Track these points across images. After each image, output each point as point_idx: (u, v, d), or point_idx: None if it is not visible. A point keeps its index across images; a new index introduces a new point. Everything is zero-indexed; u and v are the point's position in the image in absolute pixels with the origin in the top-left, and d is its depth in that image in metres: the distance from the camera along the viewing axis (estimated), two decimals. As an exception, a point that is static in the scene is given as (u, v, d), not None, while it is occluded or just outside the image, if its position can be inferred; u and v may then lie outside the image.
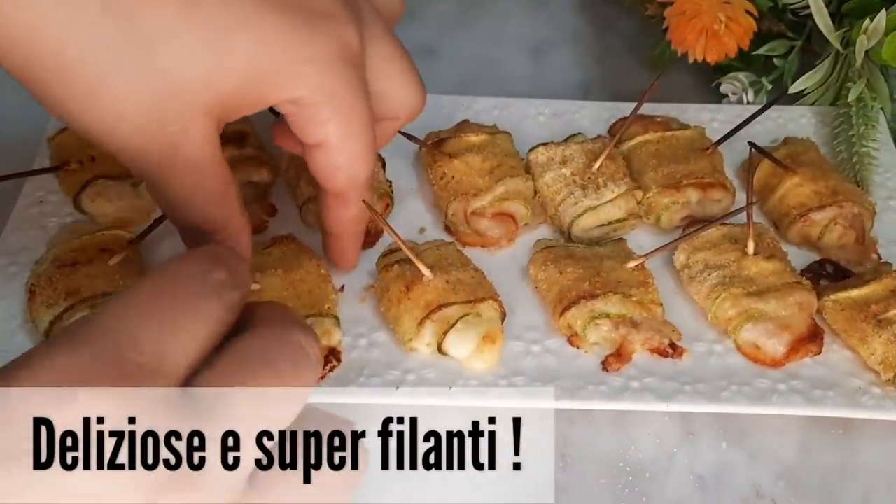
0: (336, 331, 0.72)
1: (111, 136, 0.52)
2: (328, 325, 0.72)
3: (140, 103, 0.50)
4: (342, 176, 0.64)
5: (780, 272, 0.76)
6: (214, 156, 0.56)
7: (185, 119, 0.53)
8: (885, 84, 0.93)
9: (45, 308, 0.70)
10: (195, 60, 0.51)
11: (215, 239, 0.60)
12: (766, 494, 0.69)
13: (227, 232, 0.60)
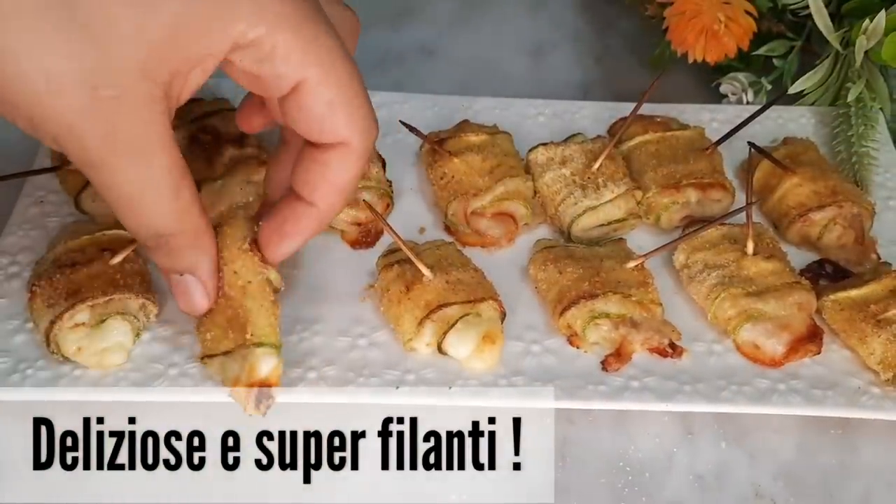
0: (265, 359, 0.62)
1: (45, 117, 0.48)
2: (253, 355, 0.62)
3: (69, 67, 0.46)
4: (340, 115, 0.55)
5: (780, 272, 0.76)
6: (162, 137, 0.51)
7: (119, 80, 0.47)
8: (884, 84, 0.93)
9: (46, 308, 0.70)
10: (119, 13, 0.46)
11: (175, 246, 0.58)
12: (766, 494, 0.69)
13: (184, 238, 0.57)
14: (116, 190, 0.52)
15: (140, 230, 0.56)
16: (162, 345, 0.73)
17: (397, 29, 1.15)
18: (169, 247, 0.57)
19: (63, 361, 0.70)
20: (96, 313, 0.71)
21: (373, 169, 0.83)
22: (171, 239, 0.57)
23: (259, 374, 0.60)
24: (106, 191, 0.53)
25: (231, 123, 0.85)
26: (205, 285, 0.61)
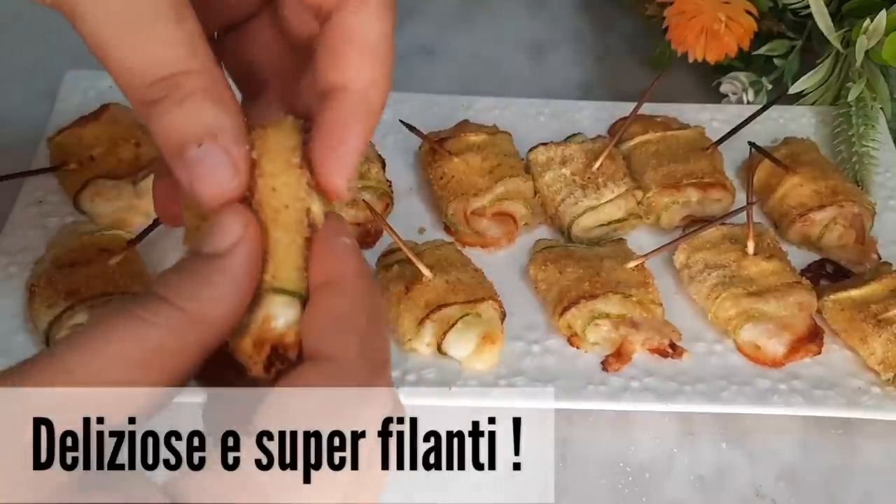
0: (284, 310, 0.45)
1: None
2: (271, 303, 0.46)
3: None
4: None
5: (780, 272, 0.76)
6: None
7: None
8: (885, 84, 0.93)
9: (45, 308, 0.70)
10: None
11: (187, 90, 0.42)
12: (767, 494, 0.69)
13: (198, 79, 0.42)
14: (105, 18, 0.42)
15: (139, 71, 0.42)
16: (161, 345, 0.73)
17: (397, 28, 1.14)
18: (180, 92, 0.42)
19: (62, 362, 0.70)
20: (95, 314, 0.71)
21: (372, 169, 0.83)
22: (182, 79, 0.42)
23: (275, 328, 0.44)
24: (96, 23, 0.42)
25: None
26: (231, 155, 0.42)
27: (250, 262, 0.40)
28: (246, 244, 0.40)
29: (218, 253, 0.40)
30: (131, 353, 0.36)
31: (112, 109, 0.85)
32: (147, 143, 0.84)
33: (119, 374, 0.36)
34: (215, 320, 0.39)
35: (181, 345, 0.37)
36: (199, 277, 0.39)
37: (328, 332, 0.40)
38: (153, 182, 0.49)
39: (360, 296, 0.41)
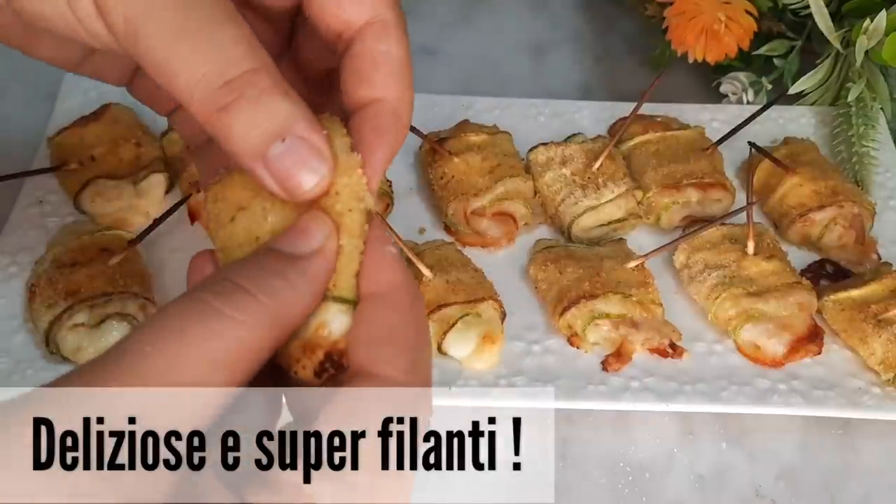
0: (339, 318, 0.44)
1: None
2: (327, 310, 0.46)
3: None
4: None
5: (780, 272, 0.76)
6: None
7: None
8: (884, 84, 0.93)
9: (45, 308, 0.70)
10: None
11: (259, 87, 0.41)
12: (766, 494, 0.69)
13: (267, 75, 0.41)
14: (164, 30, 0.41)
15: (209, 76, 0.41)
16: (161, 345, 0.73)
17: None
18: (253, 90, 0.41)
19: (63, 362, 0.70)
20: (95, 313, 0.71)
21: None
22: (252, 77, 0.41)
23: (329, 335, 0.44)
24: (156, 37, 0.41)
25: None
26: (315, 143, 0.41)
27: (328, 270, 0.41)
28: (328, 252, 0.41)
29: (300, 255, 0.40)
30: (215, 352, 0.35)
31: (113, 109, 0.85)
32: (147, 143, 0.84)
33: (204, 375, 0.35)
34: (290, 321, 0.39)
35: (260, 343, 0.37)
36: (280, 275, 0.39)
37: (380, 348, 0.40)
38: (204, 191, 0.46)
39: (408, 309, 0.42)
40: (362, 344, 0.41)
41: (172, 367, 0.34)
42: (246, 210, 0.42)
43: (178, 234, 0.81)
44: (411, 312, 0.42)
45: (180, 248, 0.81)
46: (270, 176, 0.40)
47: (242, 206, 0.43)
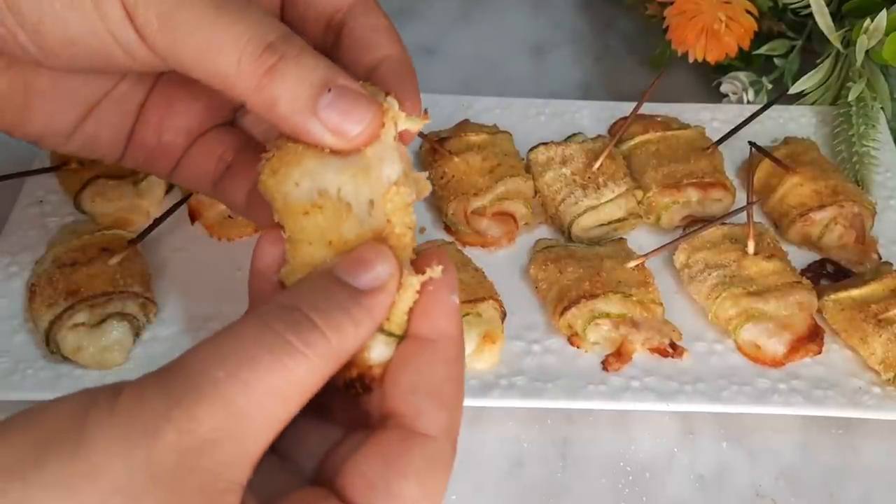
0: (382, 348, 0.45)
1: None
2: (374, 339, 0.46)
3: None
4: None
5: (781, 272, 0.76)
6: None
7: None
8: (885, 83, 0.93)
9: (46, 308, 0.70)
10: None
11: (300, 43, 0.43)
12: (767, 494, 0.69)
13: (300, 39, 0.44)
14: (198, 14, 0.43)
15: (252, 41, 0.43)
16: (162, 345, 0.73)
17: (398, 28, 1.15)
18: (293, 49, 0.43)
19: (63, 361, 0.70)
20: (96, 313, 0.71)
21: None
22: (289, 37, 0.43)
23: (368, 359, 0.44)
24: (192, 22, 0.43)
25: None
26: (356, 89, 0.43)
27: (388, 307, 0.42)
28: (389, 290, 0.42)
29: (364, 289, 0.41)
30: (282, 386, 0.36)
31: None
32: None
33: (269, 406, 0.36)
34: (347, 355, 0.40)
35: (320, 379, 0.38)
36: (346, 311, 0.40)
37: (423, 400, 0.42)
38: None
39: (453, 362, 0.43)
40: (406, 389, 0.42)
41: (242, 395, 0.35)
42: (321, 209, 0.43)
43: (178, 233, 0.81)
44: (456, 367, 0.43)
45: (181, 248, 0.81)
46: (323, 126, 0.42)
47: (305, 208, 0.43)
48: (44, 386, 0.69)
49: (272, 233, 0.45)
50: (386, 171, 0.44)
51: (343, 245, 0.43)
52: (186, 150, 0.54)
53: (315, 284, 0.41)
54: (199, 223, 0.82)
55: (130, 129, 0.53)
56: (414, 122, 0.46)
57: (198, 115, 0.54)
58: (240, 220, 0.82)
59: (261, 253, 0.46)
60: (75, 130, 0.52)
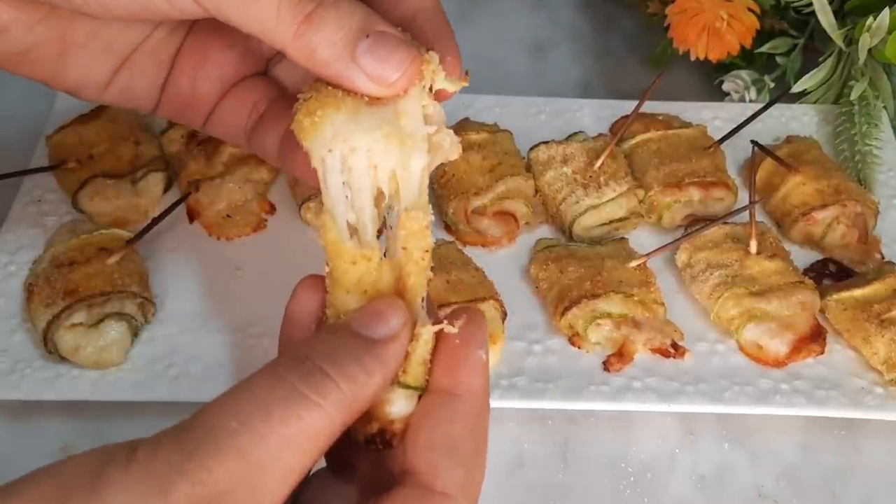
0: (403, 402, 0.45)
1: None
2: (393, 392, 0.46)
3: None
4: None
5: (783, 272, 0.76)
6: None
7: None
8: (887, 82, 0.93)
9: (44, 307, 0.70)
10: None
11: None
12: (769, 495, 0.69)
13: None
14: None
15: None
16: (160, 345, 0.72)
17: (397, 27, 1.14)
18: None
19: (61, 361, 0.70)
20: (94, 313, 0.70)
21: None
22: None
23: (388, 413, 0.45)
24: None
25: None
26: (394, 34, 0.44)
27: (401, 357, 0.43)
28: (402, 339, 0.42)
29: (376, 339, 0.42)
30: (296, 436, 0.37)
31: (111, 108, 0.85)
32: (146, 141, 0.84)
33: (285, 457, 0.37)
34: (362, 406, 0.40)
35: (335, 428, 0.38)
36: (358, 361, 0.40)
37: (441, 457, 0.42)
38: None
39: (475, 419, 0.44)
40: (425, 446, 0.42)
41: (256, 446, 0.36)
42: (368, 260, 0.44)
43: (176, 232, 0.81)
44: (478, 424, 0.44)
45: (179, 247, 0.80)
46: (361, 72, 0.43)
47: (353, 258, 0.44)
48: (41, 386, 0.69)
49: (310, 280, 0.47)
50: (418, 129, 0.45)
51: (376, 295, 0.44)
52: (220, 99, 0.54)
53: (328, 336, 0.42)
54: (198, 222, 0.82)
55: (165, 78, 0.54)
56: (453, 84, 0.47)
57: (231, 65, 0.54)
58: (239, 219, 0.81)
59: (298, 300, 0.47)
60: (111, 81, 0.53)
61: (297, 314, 0.47)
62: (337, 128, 0.43)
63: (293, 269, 0.79)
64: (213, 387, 0.69)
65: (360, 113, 0.43)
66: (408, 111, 0.44)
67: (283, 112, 0.51)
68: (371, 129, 0.43)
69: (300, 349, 0.40)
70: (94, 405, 0.70)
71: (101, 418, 0.70)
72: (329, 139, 0.43)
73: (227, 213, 0.81)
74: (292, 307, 0.47)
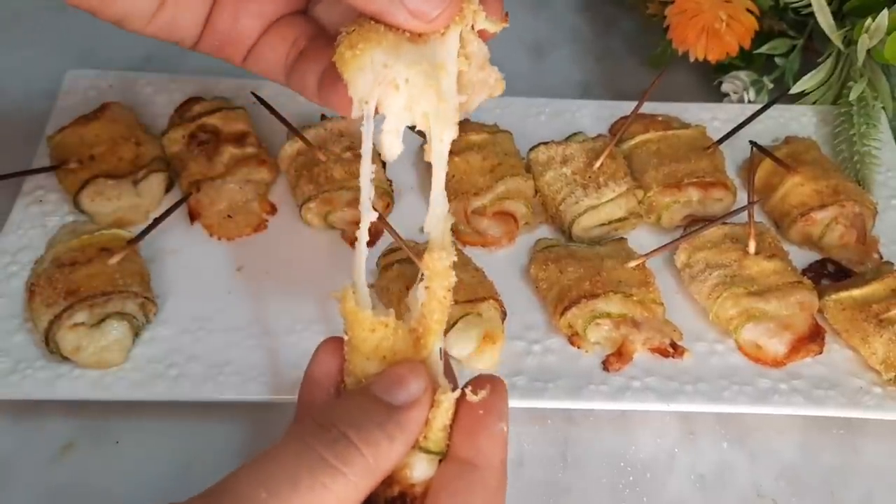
0: (424, 466, 0.47)
1: None
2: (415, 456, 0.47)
3: None
4: None
5: (782, 272, 0.76)
6: None
7: None
8: (886, 83, 0.93)
9: (45, 307, 0.70)
10: None
11: None
12: (767, 494, 0.69)
13: None
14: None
15: None
16: (161, 345, 0.73)
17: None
18: None
19: (62, 361, 0.70)
20: (95, 313, 0.70)
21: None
22: None
23: (409, 477, 0.46)
24: None
25: (231, 122, 0.85)
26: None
27: (422, 422, 0.44)
28: (423, 404, 0.44)
29: (398, 405, 0.43)
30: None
31: (112, 108, 0.85)
32: (147, 142, 0.84)
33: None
34: (384, 472, 0.42)
35: (359, 495, 0.40)
36: (381, 427, 0.42)
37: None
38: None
39: (493, 490, 0.44)
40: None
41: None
42: (386, 326, 0.46)
43: (177, 233, 0.81)
44: (496, 497, 0.45)
45: (180, 248, 0.81)
46: (403, 7, 0.44)
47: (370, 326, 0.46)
48: (43, 386, 0.69)
49: (330, 343, 0.48)
50: (455, 69, 0.47)
51: (395, 360, 0.46)
52: (260, 36, 0.56)
53: (351, 402, 0.43)
54: (199, 223, 0.82)
55: (208, 13, 0.55)
56: (494, 24, 0.49)
57: (272, 2, 0.55)
58: (239, 219, 0.82)
59: (318, 361, 0.48)
60: (156, 13, 0.54)
61: (317, 375, 0.48)
62: (377, 62, 0.44)
63: (293, 270, 0.80)
64: (213, 387, 0.70)
65: (401, 48, 0.45)
66: (452, 52, 0.46)
67: (322, 49, 0.53)
68: (411, 64, 0.44)
69: (324, 415, 0.42)
70: (95, 405, 0.71)
71: (102, 418, 0.71)
72: (369, 74, 0.44)
73: (227, 214, 0.82)
74: (313, 369, 0.48)
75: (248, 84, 0.89)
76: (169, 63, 0.99)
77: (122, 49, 1.00)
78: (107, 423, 0.71)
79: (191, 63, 0.97)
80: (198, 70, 0.94)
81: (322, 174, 0.81)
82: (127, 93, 0.91)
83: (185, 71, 0.96)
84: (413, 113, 0.45)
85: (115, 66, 0.96)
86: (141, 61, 1.00)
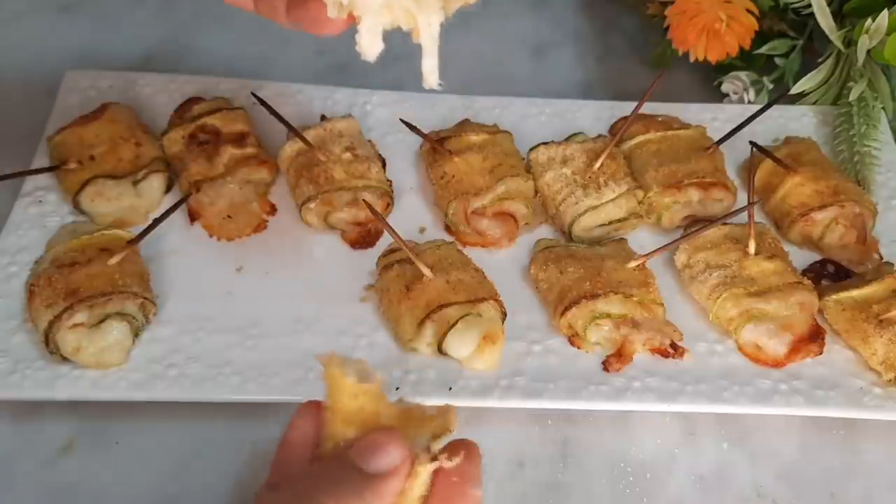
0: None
1: None
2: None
3: None
4: None
5: (782, 272, 0.76)
6: None
7: None
8: (886, 83, 0.93)
9: (45, 308, 0.70)
10: None
11: None
12: (768, 494, 0.69)
13: None
14: None
15: None
16: (161, 345, 0.73)
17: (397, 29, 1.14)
18: None
19: (62, 361, 0.70)
20: (95, 313, 0.70)
21: (373, 168, 0.83)
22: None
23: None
24: None
25: (231, 123, 0.85)
26: None
27: (398, 491, 0.45)
28: (399, 474, 0.45)
29: (375, 473, 0.44)
30: None
31: (112, 109, 0.85)
32: (147, 142, 0.84)
33: None
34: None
35: None
36: (357, 496, 0.44)
37: None
38: None
39: None
40: None
41: None
42: (367, 394, 0.48)
43: (177, 233, 0.81)
44: None
45: (180, 248, 0.81)
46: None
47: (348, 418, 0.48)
48: (43, 386, 0.69)
49: (308, 408, 0.49)
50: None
51: (374, 426, 0.47)
52: None
53: (331, 467, 0.45)
54: (199, 223, 0.82)
55: None
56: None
57: None
58: (239, 220, 0.82)
59: (295, 426, 0.49)
60: None
61: (294, 440, 0.49)
62: None
63: (293, 269, 0.80)
64: (213, 387, 0.70)
65: None
66: None
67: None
68: None
69: (302, 483, 0.43)
70: (95, 405, 0.71)
71: (101, 418, 0.71)
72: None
73: (227, 214, 0.82)
74: (291, 433, 0.49)
75: (248, 84, 0.89)
76: (169, 63, 0.99)
77: (122, 49, 1.00)
78: (107, 423, 0.71)
79: (191, 63, 0.97)
80: (198, 70, 0.94)
81: (322, 174, 0.81)
82: (127, 93, 0.91)
83: (185, 71, 0.95)
84: (392, 10, 0.44)
85: (115, 66, 0.96)
86: (141, 61, 1.00)
